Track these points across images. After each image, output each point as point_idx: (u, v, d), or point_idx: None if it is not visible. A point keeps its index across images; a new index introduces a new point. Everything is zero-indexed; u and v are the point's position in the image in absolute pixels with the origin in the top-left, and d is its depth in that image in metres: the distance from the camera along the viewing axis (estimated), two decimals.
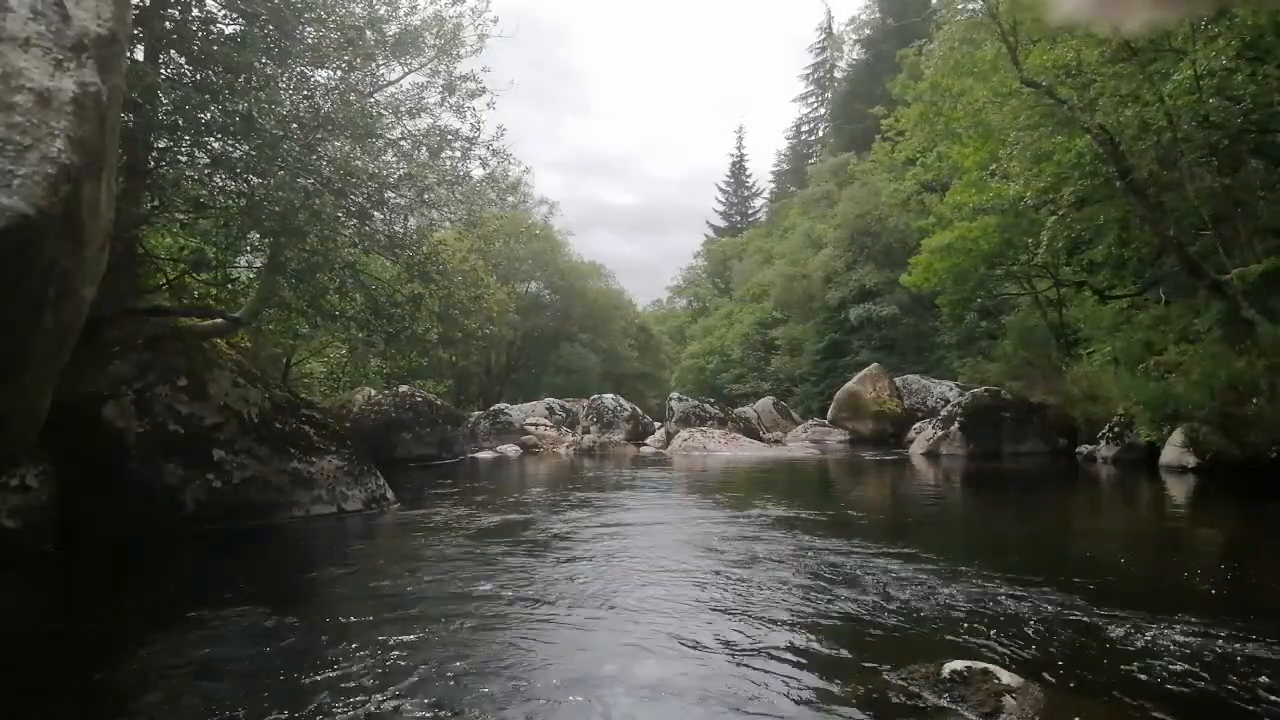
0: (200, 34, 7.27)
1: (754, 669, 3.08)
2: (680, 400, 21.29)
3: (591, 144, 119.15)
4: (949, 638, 3.42)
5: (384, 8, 9.10)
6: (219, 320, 7.93)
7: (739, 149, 57.53)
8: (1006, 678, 2.66)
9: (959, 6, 18.63)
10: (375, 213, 8.69)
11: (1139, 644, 3.31)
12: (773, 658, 3.22)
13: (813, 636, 3.50)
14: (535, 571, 4.88)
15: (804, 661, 3.17)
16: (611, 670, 3.09)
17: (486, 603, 4.12)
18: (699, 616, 3.82)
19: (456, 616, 3.84)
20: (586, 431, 19.54)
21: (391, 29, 9.23)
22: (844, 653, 3.31)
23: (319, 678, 2.97)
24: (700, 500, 9.07)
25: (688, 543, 5.95)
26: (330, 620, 3.84)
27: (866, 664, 3.12)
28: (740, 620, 3.76)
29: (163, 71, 7.00)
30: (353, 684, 2.91)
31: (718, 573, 4.81)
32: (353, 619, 3.81)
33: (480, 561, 5.23)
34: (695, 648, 3.35)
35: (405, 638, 3.47)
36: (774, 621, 3.73)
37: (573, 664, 3.16)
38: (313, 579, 5.01)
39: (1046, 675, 2.90)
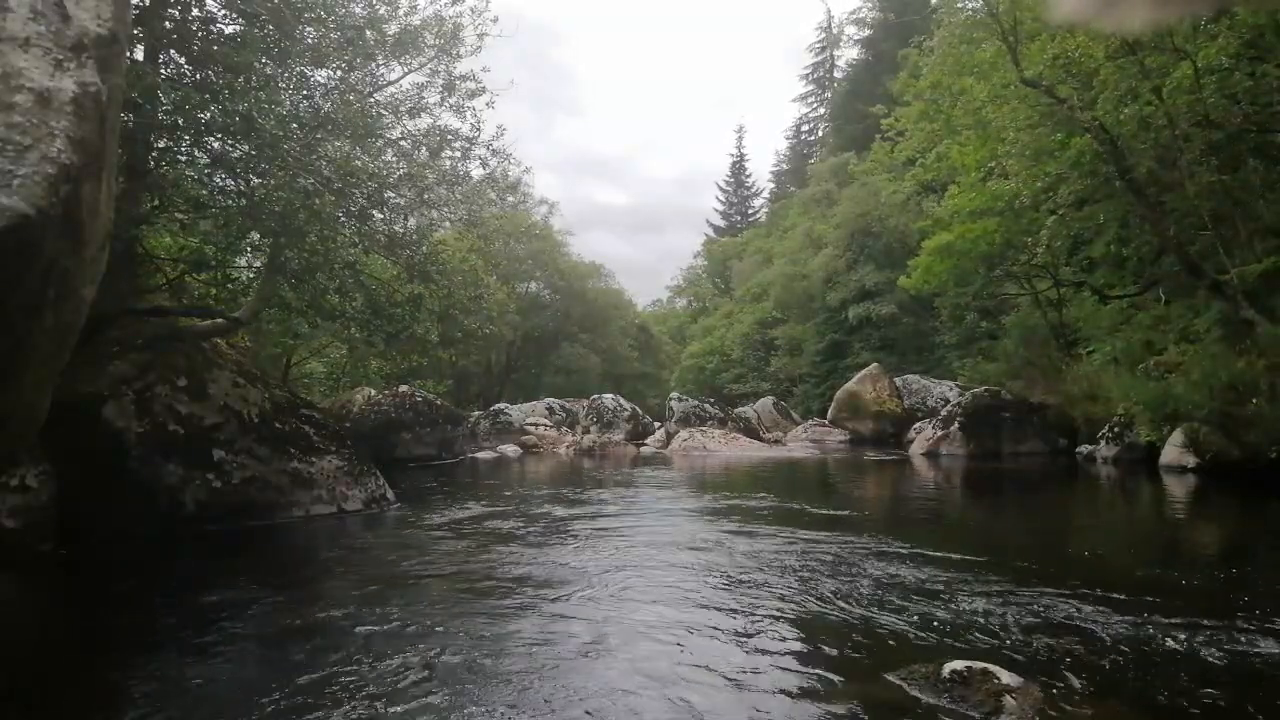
0: (200, 34, 7.27)
1: (751, 668, 3.08)
2: (680, 400, 21.27)
3: (585, 144, 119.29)
4: (949, 638, 3.42)
5: (384, 8, 9.10)
6: (219, 320, 7.93)
7: (739, 149, 57.58)
8: (1006, 678, 2.66)
9: (959, 5, 18.65)
10: (375, 213, 8.69)
11: (1139, 644, 3.31)
12: (771, 656, 3.22)
13: (811, 636, 3.50)
14: (535, 570, 4.87)
15: (803, 660, 3.17)
16: (611, 668, 3.09)
17: (487, 602, 4.12)
18: (696, 615, 3.82)
19: (457, 616, 3.84)
20: (586, 431, 19.53)
21: (391, 29, 9.23)
22: (843, 652, 3.31)
23: (320, 677, 2.97)
24: (699, 499, 9.07)
25: (686, 541, 5.95)
26: (330, 620, 3.84)
27: (866, 664, 3.12)
28: (738, 619, 3.75)
29: (163, 71, 6.99)
30: (354, 683, 2.90)
31: (715, 571, 4.81)
32: (353, 618, 3.81)
33: (480, 561, 5.23)
34: (692, 646, 3.34)
35: (406, 637, 3.47)
36: (772, 620, 3.72)
37: (573, 663, 3.16)
38: (313, 579, 5.01)
39: (1046, 675, 2.90)
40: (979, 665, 2.75)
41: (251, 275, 9.36)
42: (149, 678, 3.09)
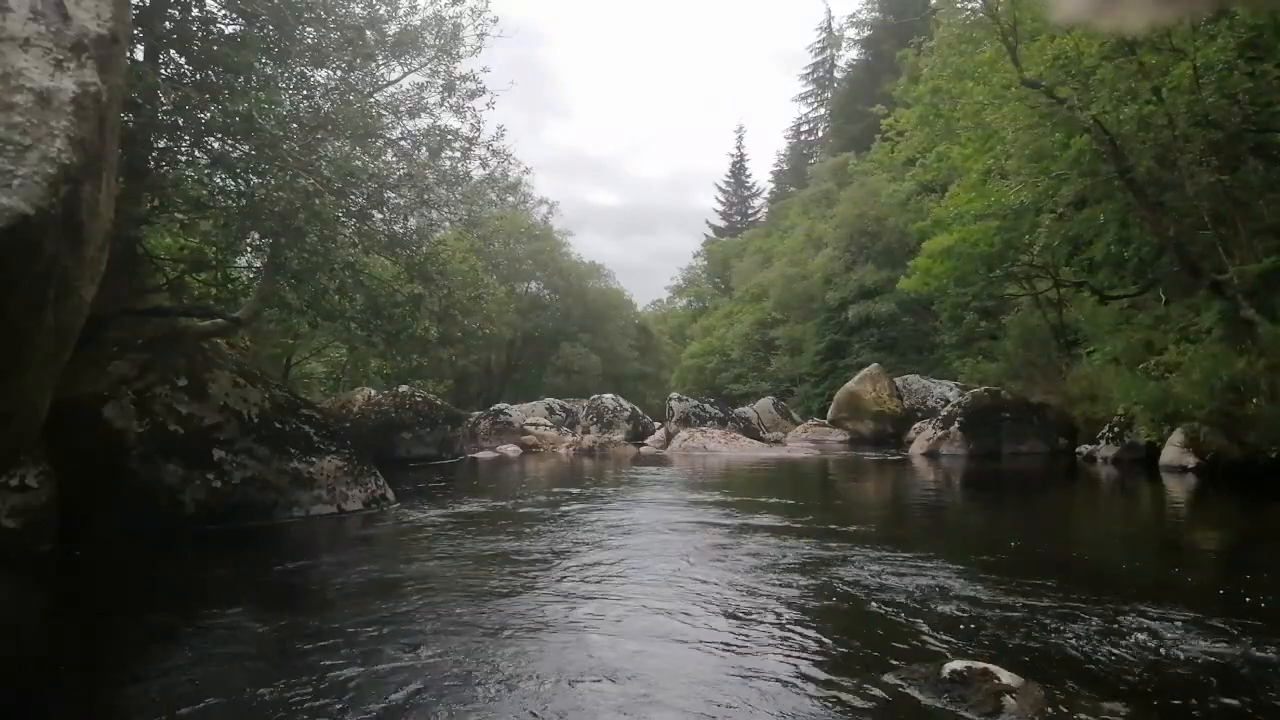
0: (200, 34, 7.27)
1: (751, 668, 3.08)
2: (680, 400, 21.25)
3: (575, 145, 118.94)
4: (949, 638, 3.41)
5: (384, 8, 9.12)
6: (219, 320, 7.94)
7: (739, 149, 57.54)
8: (1006, 678, 2.66)
9: (958, 5, 18.66)
10: (375, 213, 8.70)
11: (1140, 643, 3.30)
12: (769, 655, 3.21)
13: (810, 635, 3.50)
14: (535, 569, 4.87)
15: (802, 661, 3.17)
16: (610, 669, 3.09)
17: (487, 601, 4.12)
18: (694, 613, 3.82)
19: (457, 616, 3.84)
20: (586, 431, 19.52)
21: (391, 29, 9.25)
22: (843, 652, 3.30)
23: (320, 678, 2.97)
24: (699, 499, 9.07)
25: (685, 542, 5.95)
26: (331, 620, 3.84)
27: (866, 664, 3.12)
28: (737, 619, 3.75)
29: (163, 71, 7.00)
30: (354, 683, 2.90)
31: (715, 571, 4.80)
32: (353, 618, 3.80)
33: (480, 561, 5.23)
34: (691, 646, 3.34)
35: (406, 638, 3.47)
36: (770, 618, 3.72)
37: (572, 664, 3.15)
38: (313, 579, 5.01)
39: (1046, 675, 2.90)
40: (979, 665, 2.75)
41: (251, 275, 9.36)
42: (149, 678, 3.09)
